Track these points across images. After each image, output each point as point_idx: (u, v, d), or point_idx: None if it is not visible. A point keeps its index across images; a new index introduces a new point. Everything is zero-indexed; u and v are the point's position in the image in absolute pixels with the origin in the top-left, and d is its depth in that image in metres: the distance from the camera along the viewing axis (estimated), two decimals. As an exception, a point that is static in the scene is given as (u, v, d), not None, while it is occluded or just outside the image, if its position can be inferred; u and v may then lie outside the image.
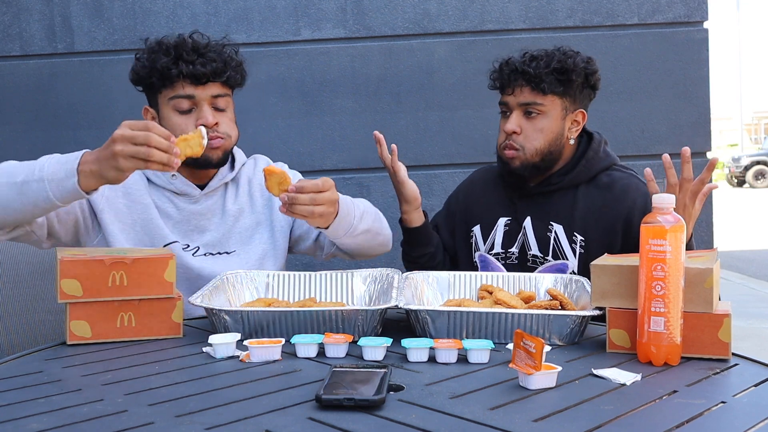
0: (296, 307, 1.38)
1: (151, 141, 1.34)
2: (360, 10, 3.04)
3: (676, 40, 3.05)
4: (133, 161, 1.35)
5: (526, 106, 1.80)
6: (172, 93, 1.70)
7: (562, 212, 1.84)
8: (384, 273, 1.63)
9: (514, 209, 1.90)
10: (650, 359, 1.18)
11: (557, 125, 1.82)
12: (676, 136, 3.06)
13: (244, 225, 1.85)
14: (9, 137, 3.05)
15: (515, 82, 1.81)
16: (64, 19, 3.03)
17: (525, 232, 1.87)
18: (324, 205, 1.54)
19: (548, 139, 1.81)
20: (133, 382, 1.12)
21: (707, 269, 1.20)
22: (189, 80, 1.68)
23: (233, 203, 1.84)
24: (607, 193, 1.83)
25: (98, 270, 1.35)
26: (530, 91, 1.80)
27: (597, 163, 1.86)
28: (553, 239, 1.83)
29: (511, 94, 1.82)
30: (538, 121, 1.81)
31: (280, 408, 0.98)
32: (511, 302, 1.44)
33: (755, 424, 0.92)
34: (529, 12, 3.05)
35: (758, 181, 24.10)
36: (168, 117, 1.72)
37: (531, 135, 1.81)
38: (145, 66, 1.71)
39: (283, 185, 1.51)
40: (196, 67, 1.67)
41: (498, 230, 1.91)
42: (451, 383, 1.09)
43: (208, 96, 1.71)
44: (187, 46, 1.70)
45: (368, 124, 3.06)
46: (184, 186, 1.78)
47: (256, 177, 1.90)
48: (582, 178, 1.85)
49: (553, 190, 1.86)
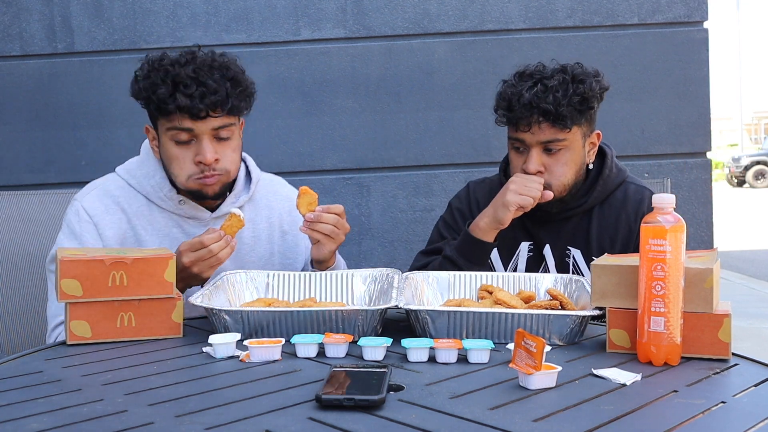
0: (296, 307, 1.38)
1: (213, 251, 1.53)
2: (360, 10, 3.04)
3: (676, 40, 3.05)
4: (211, 269, 1.57)
5: (547, 144, 1.68)
6: (170, 124, 1.59)
7: (578, 236, 1.79)
8: (384, 273, 1.63)
9: (532, 235, 1.81)
10: (650, 359, 1.18)
11: (580, 155, 1.73)
12: (676, 136, 3.06)
13: (259, 254, 1.80)
14: (9, 137, 3.05)
15: (531, 118, 1.66)
16: (64, 19, 3.03)
17: (545, 258, 1.80)
18: (341, 230, 1.64)
19: (574, 171, 1.72)
20: (133, 382, 1.12)
21: (707, 269, 1.20)
22: (187, 115, 1.56)
23: (251, 231, 1.78)
24: (622, 209, 1.78)
25: (98, 270, 1.35)
26: (550, 127, 1.66)
27: (612, 181, 1.79)
28: (572, 264, 1.78)
29: (527, 131, 1.68)
30: (561, 156, 1.70)
31: (280, 408, 0.98)
32: (511, 302, 1.44)
33: (755, 424, 0.92)
34: (529, 12, 3.05)
35: (758, 181, 24.09)
36: (167, 146, 1.63)
37: (557, 171, 1.70)
38: (141, 91, 1.60)
39: (311, 206, 1.62)
40: (194, 102, 1.54)
41: (521, 255, 1.82)
42: (451, 383, 1.09)
43: (208, 129, 1.59)
44: (187, 72, 1.55)
45: (368, 124, 3.06)
46: (192, 210, 1.71)
47: (277, 208, 1.85)
48: (598, 200, 1.79)
49: (570, 216, 1.79)
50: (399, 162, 3.07)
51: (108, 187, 1.71)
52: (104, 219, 1.66)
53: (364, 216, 3.07)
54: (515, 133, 1.72)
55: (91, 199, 1.68)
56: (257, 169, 1.84)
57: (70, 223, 1.67)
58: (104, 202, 1.68)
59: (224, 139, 1.63)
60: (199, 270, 1.54)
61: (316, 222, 1.60)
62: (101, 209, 1.67)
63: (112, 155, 3.01)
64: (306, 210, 1.61)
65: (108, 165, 2.74)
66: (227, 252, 1.55)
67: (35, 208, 2.06)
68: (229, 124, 1.62)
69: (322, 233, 1.62)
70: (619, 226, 1.78)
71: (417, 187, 3.08)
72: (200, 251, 1.52)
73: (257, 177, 1.82)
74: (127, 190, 1.71)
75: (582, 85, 1.67)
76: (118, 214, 1.68)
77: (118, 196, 1.70)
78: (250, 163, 1.84)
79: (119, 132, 3.03)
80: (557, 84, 1.66)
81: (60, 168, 3.05)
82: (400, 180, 3.08)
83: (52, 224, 1.98)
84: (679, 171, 3.07)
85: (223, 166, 1.63)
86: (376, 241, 3.07)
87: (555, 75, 1.69)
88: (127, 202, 1.69)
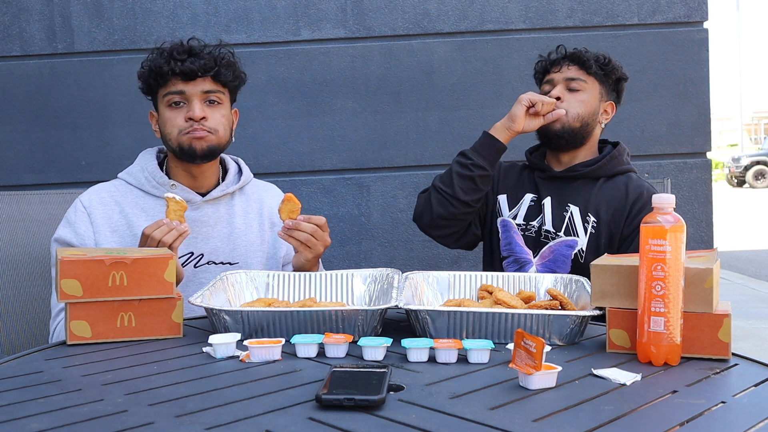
0: (296, 307, 1.38)
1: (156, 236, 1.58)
2: (360, 10, 3.04)
3: (676, 40, 3.05)
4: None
5: (570, 81, 1.99)
6: (166, 90, 1.79)
7: (581, 196, 1.98)
8: (384, 273, 1.63)
9: (538, 189, 2.04)
10: (650, 359, 1.18)
11: (595, 102, 2.01)
12: (676, 136, 3.06)
13: (250, 240, 1.89)
14: (9, 137, 3.05)
15: (563, 62, 2.00)
16: (64, 19, 3.03)
17: (543, 209, 2.00)
18: (319, 241, 1.71)
19: (588, 109, 1.98)
20: (133, 382, 1.12)
21: (707, 269, 1.20)
22: (179, 77, 1.76)
23: (242, 217, 1.90)
24: (623, 191, 1.97)
25: (98, 270, 1.35)
26: (576, 69, 1.99)
27: (619, 163, 2.01)
28: (568, 218, 1.97)
29: (558, 71, 2.01)
30: (579, 95, 1.99)
31: (280, 408, 0.98)
32: (511, 302, 1.44)
33: (755, 424, 0.92)
34: (529, 12, 3.05)
35: (758, 181, 24.10)
36: (162, 113, 1.81)
37: (573, 103, 1.98)
38: (144, 70, 1.81)
39: (293, 214, 1.69)
40: (185, 64, 1.75)
41: (524, 204, 2.04)
42: (451, 383, 1.09)
43: (199, 91, 1.77)
44: (181, 47, 1.78)
45: (368, 124, 3.06)
46: (183, 193, 1.82)
47: (268, 201, 1.96)
48: (603, 173, 1.99)
49: (575, 176, 2.00)
50: (399, 162, 3.07)
51: (108, 186, 1.86)
52: (98, 209, 1.79)
53: (364, 216, 3.07)
54: (546, 77, 2.04)
55: (89, 194, 1.83)
56: (249, 172, 1.97)
57: (68, 214, 1.81)
58: (101, 195, 1.82)
59: (213, 103, 1.80)
60: None
61: (294, 229, 1.69)
62: (96, 201, 1.81)
63: (112, 155, 3.02)
64: (287, 216, 1.69)
65: (108, 165, 2.75)
66: (174, 235, 1.59)
67: (35, 208, 2.06)
68: (217, 91, 1.81)
69: (298, 240, 1.70)
70: (614, 204, 1.96)
71: (417, 187, 3.08)
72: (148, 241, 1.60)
73: (249, 175, 1.96)
74: (125, 186, 1.85)
75: (608, 58, 2.02)
76: (111, 205, 1.81)
77: (114, 191, 1.84)
78: (243, 164, 1.98)
79: (119, 132, 3.03)
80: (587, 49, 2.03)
81: (60, 168, 3.05)
82: (400, 180, 3.08)
83: (52, 224, 1.98)
84: (679, 171, 3.07)
85: (211, 125, 1.79)
86: (376, 241, 3.07)
87: None
88: (122, 195, 1.83)
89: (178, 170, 1.85)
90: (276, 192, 2.02)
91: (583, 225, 1.95)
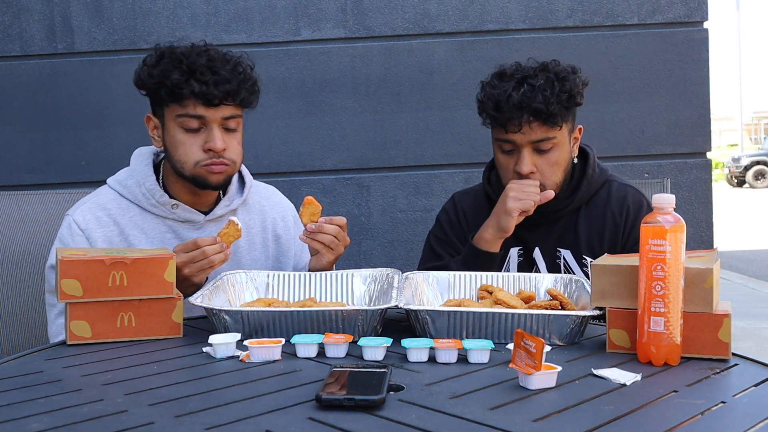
0: (296, 307, 1.38)
1: (207, 253, 1.52)
2: (360, 10, 3.04)
3: (676, 40, 3.05)
4: (203, 272, 1.55)
5: (538, 143, 1.69)
6: (181, 111, 1.61)
7: (567, 237, 1.80)
8: (384, 273, 1.63)
9: (520, 238, 1.81)
10: (650, 359, 1.18)
11: (567, 152, 1.75)
12: (676, 136, 3.07)
13: (254, 257, 1.82)
14: (9, 137, 3.05)
15: (521, 119, 1.66)
16: (64, 19, 3.03)
17: (536, 261, 1.81)
18: (341, 242, 1.65)
19: (563, 169, 1.75)
20: (133, 382, 1.12)
21: (707, 269, 1.20)
22: (201, 101, 1.59)
23: (245, 234, 1.79)
24: (606, 207, 1.80)
25: (98, 270, 1.35)
26: (540, 126, 1.67)
27: (595, 181, 1.81)
28: (563, 264, 1.80)
29: (518, 131, 1.67)
30: (551, 155, 1.71)
31: (280, 408, 0.98)
32: (511, 302, 1.44)
33: (755, 424, 0.91)
34: (529, 12, 3.05)
35: (758, 181, 24.09)
36: (173, 133, 1.64)
37: (547, 171, 1.72)
38: (152, 76, 1.60)
39: (314, 217, 1.62)
40: (209, 88, 1.57)
41: (512, 260, 1.83)
42: (451, 383, 1.09)
43: (219, 118, 1.62)
44: (201, 61, 1.58)
45: (368, 124, 3.06)
46: (186, 214, 1.71)
47: (270, 212, 1.87)
48: (583, 200, 1.80)
49: (557, 217, 1.80)
50: (399, 162, 3.07)
51: (99, 200, 1.70)
52: (96, 231, 1.65)
53: (364, 216, 3.07)
54: (504, 135, 1.71)
55: (83, 212, 1.67)
56: (250, 176, 1.86)
57: (62, 237, 1.66)
58: (96, 214, 1.67)
59: (231, 130, 1.66)
60: (190, 272, 1.52)
61: (317, 232, 1.61)
62: (93, 221, 1.66)
63: (112, 155, 3.02)
64: (308, 220, 1.62)
65: (108, 165, 2.74)
66: (220, 258, 1.54)
67: (35, 208, 2.06)
68: (237, 115, 1.66)
69: (322, 243, 1.63)
70: (606, 224, 1.79)
71: (417, 187, 3.08)
72: (193, 252, 1.52)
73: (250, 182, 1.85)
74: (119, 201, 1.70)
75: (566, 82, 1.68)
76: (110, 226, 1.67)
77: (110, 209, 1.69)
78: (243, 169, 1.84)
79: (119, 132, 3.03)
80: (543, 83, 1.66)
81: (60, 168, 3.05)
82: (400, 180, 3.08)
83: (52, 224, 1.98)
84: (679, 171, 3.07)
85: (230, 156, 1.66)
86: (376, 241, 3.07)
87: (538, 74, 1.69)
88: (120, 213, 1.69)
89: (178, 186, 1.71)
90: (277, 198, 1.93)
91: (581, 269, 1.77)
